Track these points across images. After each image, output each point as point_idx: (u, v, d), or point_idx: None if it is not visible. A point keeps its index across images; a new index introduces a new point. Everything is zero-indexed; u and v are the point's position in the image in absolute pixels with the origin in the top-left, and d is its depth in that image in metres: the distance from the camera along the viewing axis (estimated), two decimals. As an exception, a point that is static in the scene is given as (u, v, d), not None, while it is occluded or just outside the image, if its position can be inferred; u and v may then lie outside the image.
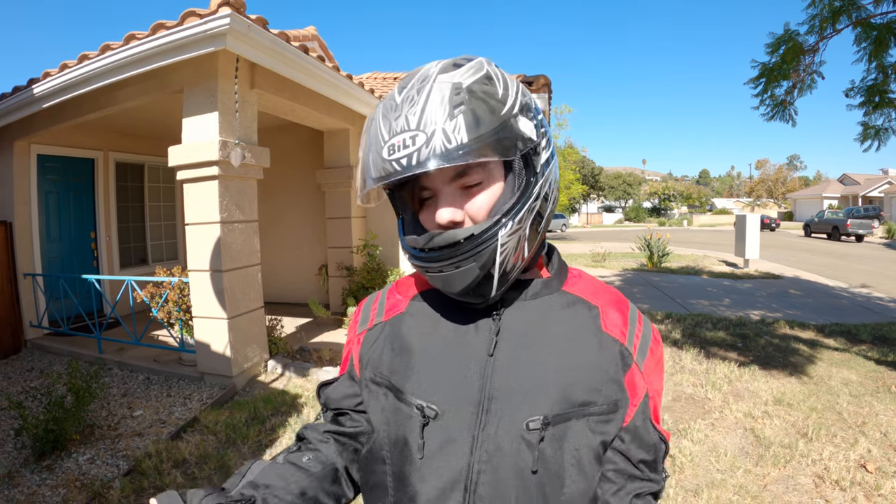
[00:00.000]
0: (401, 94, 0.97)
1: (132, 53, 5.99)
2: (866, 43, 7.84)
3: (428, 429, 1.07)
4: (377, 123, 0.99)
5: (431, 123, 0.91)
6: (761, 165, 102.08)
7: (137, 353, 7.67)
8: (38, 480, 4.50)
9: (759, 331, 9.33)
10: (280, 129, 10.66)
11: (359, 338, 1.28)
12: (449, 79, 0.95)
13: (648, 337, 1.16)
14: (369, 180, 1.00)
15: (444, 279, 1.04)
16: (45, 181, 9.23)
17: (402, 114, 0.94)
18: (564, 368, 1.06)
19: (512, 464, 1.02)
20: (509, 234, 1.00)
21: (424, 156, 0.91)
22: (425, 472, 1.06)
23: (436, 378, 1.10)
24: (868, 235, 35.98)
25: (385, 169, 0.95)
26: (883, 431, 5.32)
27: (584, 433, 1.04)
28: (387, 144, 0.94)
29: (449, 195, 1.02)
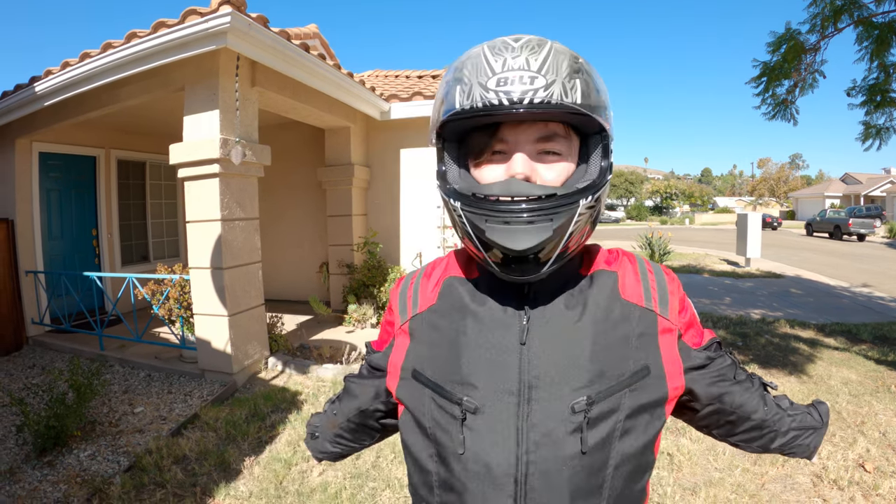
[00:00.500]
0: (517, 42, 0.95)
1: (133, 52, 6.01)
2: (868, 42, 7.82)
3: (468, 423, 1.06)
4: (483, 57, 0.95)
5: (553, 73, 0.91)
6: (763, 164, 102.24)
7: (139, 350, 7.69)
8: (40, 476, 4.51)
9: (759, 330, 9.33)
10: (281, 127, 10.67)
11: (403, 329, 1.26)
12: (567, 49, 0.97)
13: (664, 282, 1.18)
14: (459, 108, 0.95)
15: (509, 233, 0.96)
16: (46, 179, 9.24)
17: (522, 55, 0.92)
18: (597, 346, 1.06)
19: (561, 449, 1.01)
20: (588, 207, 0.99)
21: (539, 98, 0.90)
22: (471, 467, 1.05)
23: (471, 371, 1.08)
24: (870, 235, 35.88)
25: (487, 98, 0.91)
26: (882, 431, 5.32)
27: (627, 402, 1.05)
28: (497, 75, 0.92)
29: (528, 153, 1.00)
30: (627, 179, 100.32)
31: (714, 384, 1.21)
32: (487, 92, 0.91)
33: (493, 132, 1.01)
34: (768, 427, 1.28)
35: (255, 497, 4.26)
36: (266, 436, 5.28)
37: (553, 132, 0.99)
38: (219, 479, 4.48)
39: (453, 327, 1.15)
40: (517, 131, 0.99)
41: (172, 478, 4.44)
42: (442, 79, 1.05)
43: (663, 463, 4.75)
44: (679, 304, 1.17)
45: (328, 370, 6.88)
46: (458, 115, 0.96)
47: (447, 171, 1.10)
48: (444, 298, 1.20)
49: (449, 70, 1.02)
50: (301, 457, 4.86)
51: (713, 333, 1.25)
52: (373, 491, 4.35)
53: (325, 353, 7.54)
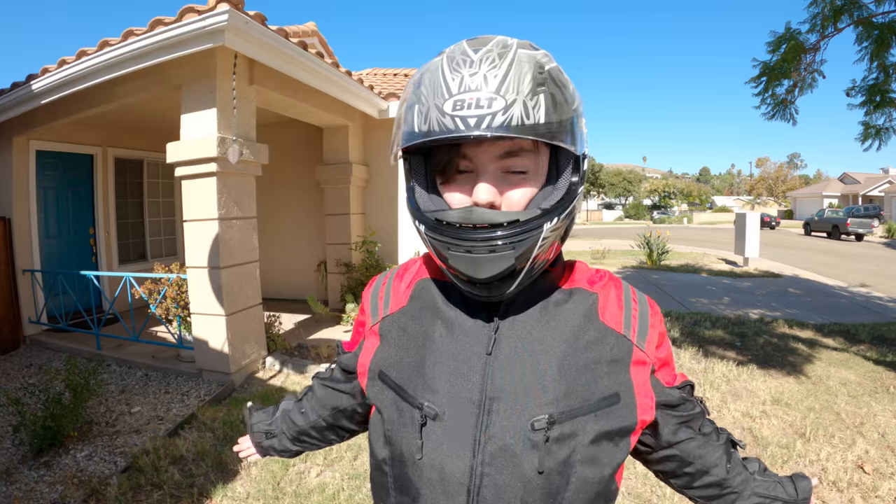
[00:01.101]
0: (476, 52, 0.90)
1: (130, 50, 5.98)
2: (868, 42, 7.82)
3: (427, 429, 1.04)
4: (441, 73, 0.90)
5: (513, 92, 0.86)
6: (762, 164, 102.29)
7: (136, 350, 7.67)
8: (36, 477, 4.50)
9: (757, 330, 9.33)
10: (279, 126, 10.64)
11: (373, 330, 1.24)
12: (532, 55, 0.92)
13: (646, 313, 1.15)
14: (416, 134, 0.91)
15: (470, 262, 0.94)
16: (43, 177, 9.21)
17: (480, 71, 0.87)
18: (565, 365, 1.04)
19: (517, 465, 0.99)
20: (552, 230, 0.96)
21: (498, 122, 0.84)
22: (426, 473, 1.03)
23: (435, 377, 1.06)
24: (868, 234, 36.00)
25: (444, 124, 0.87)
26: (881, 432, 5.31)
27: (591, 427, 1.02)
28: (453, 98, 0.87)
29: (491, 174, 0.96)
30: (626, 178, 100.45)
31: (680, 427, 1.21)
32: (444, 116, 0.87)
33: (458, 148, 0.97)
34: (729, 487, 1.27)
35: (252, 498, 4.24)
36: (263, 436, 5.24)
37: (519, 147, 0.95)
38: (216, 479, 4.47)
39: (422, 331, 1.14)
40: (480, 150, 0.96)
41: (169, 479, 4.42)
42: (404, 91, 1.01)
43: (662, 464, 4.73)
44: (658, 339, 1.15)
45: (326, 370, 6.83)
46: (416, 140, 0.92)
47: (415, 188, 1.07)
48: (415, 301, 1.19)
49: (409, 83, 0.99)
50: (299, 458, 4.83)
51: (686, 377, 1.24)
52: (370, 492, 4.33)
53: (322, 353, 7.53)
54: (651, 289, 14.24)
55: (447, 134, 0.87)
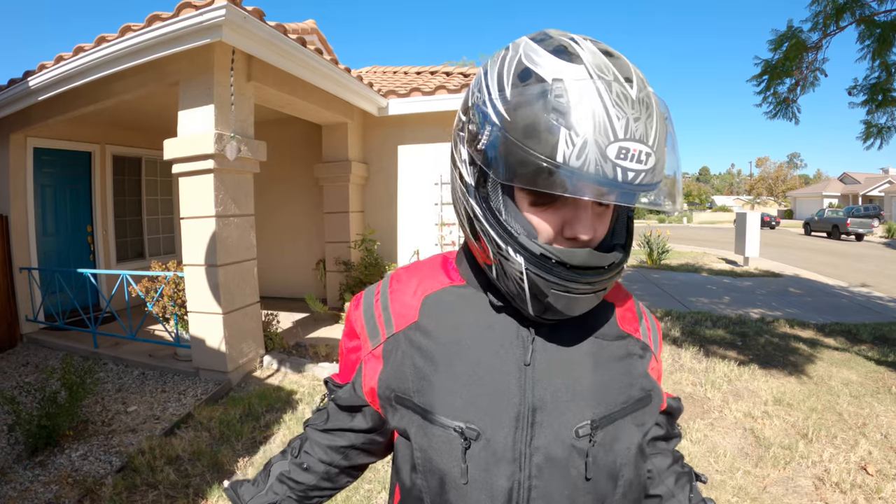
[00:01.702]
0: (632, 86, 0.82)
1: (128, 45, 5.94)
2: (870, 41, 7.81)
3: (470, 451, 0.98)
4: (603, 107, 0.79)
5: (660, 149, 0.82)
6: (762, 163, 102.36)
7: (133, 348, 7.64)
8: (31, 477, 4.48)
9: (758, 329, 9.30)
10: (278, 123, 10.60)
11: (374, 353, 1.13)
12: (658, 98, 0.86)
13: (654, 325, 1.19)
14: (573, 177, 0.79)
15: (569, 301, 0.90)
16: (41, 174, 9.18)
17: (642, 119, 0.80)
18: (600, 370, 1.03)
19: (564, 474, 0.97)
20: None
21: (648, 180, 0.81)
22: (472, 496, 0.98)
23: (470, 395, 1.00)
24: (868, 234, 36.12)
25: (604, 169, 0.78)
26: (883, 433, 5.29)
27: (630, 429, 1.03)
28: (618, 143, 0.78)
29: (591, 213, 0.89)
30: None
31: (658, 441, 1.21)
32: (605, 161, 0.78)
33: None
34: None
35: (248, 499, 4.20)
36: (260, 436, 5.23)
37: None
38: (212, 480, 4.44)
39: (445, 348, 1.05)
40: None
41: (165, 479, 4.39)
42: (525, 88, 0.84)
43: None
44: (659, 350, 1.19)
45: (324, 369, 6.83)
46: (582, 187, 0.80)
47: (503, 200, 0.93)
48: (429, 316, 1.10)
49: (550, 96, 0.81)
50: (295, 457, 4.80)
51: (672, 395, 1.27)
52: (368, 493, 4.30)
53: (321, 352, 7.50)
54: (651, 288, 14.25)
55: (600, 180, 0.79)
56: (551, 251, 0.89)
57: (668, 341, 8.54)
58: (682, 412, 1.26)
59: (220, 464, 4.68)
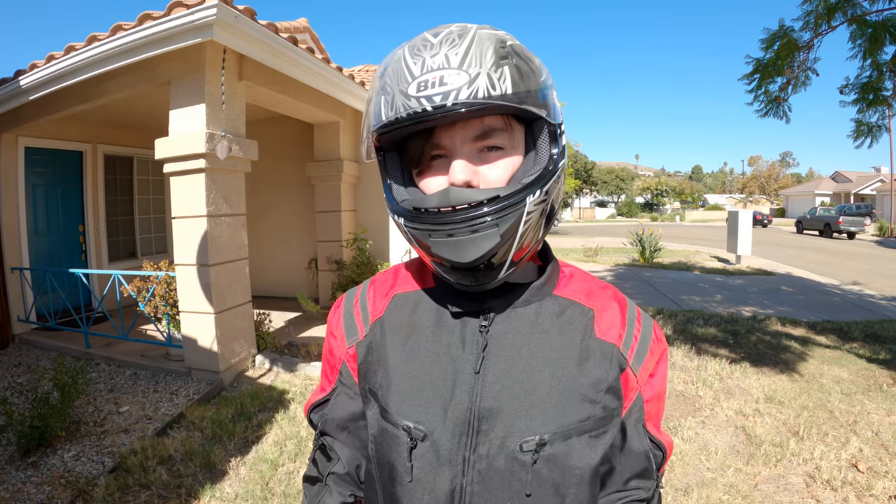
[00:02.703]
0: (436, 36, 0.88)
1: (119, 44, 5.93)
2: (861, 40, 7.83)
3: (416, 451, 0.99)
4: (403, 60, 0.88)
5: (476, 65, 0.83)
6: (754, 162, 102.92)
7: (125, 348, 7.63)
8: (23, 478, 4.46)
9: (750, 327, 9.33)
10: (270, 122, 10.59)
11: (351, 352, 1.16)
12: (492, 33, 0.89)
13: (649, 336, 1.09)
14: (384, 122, 0.88)
15: (454, 245, 0.90)
16: (32, 174, 9.15)
17: (440, 52, 0.85)
18: (558, 384, 0.99)
19: (506, 486, 0.96)
20: (536, 203, 0.91)
21: (464, 95, 0.82)
22: (415, 494, 0.99)
23: (421, 396, 1.02)
24: (860, 233, 36.28)
25: (409, 106, 0.84)
26: (874, 430, 5.31)
27: (584, 450, 0.98)
28: (416, 80, 0.84)
29: (466, 155, 0.92)
30: (618, 176, 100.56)
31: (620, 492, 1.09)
32: (409, 99, 0.84)
33: (429, 136, 0.93)
34: None
35: (240, 499, 4.20)
36: (252, 435, 5.22)
37: (490, 127, 0.91)
38: (204, 480, 4.43)
39: (404, 346, 1.08)
40: (451, 133, 0.91)
41: (157, 479, 4.38)
42: (370, 85, 0.98)
43: (655, 464, 4.71)
44: (654, 367, 1.09)
45: (316, 368, 6.83)
46: (386, 128, 0.90)
47: (392, 185, 1.02)
48: (394, 313, 1.13)
49: (374, 77, 0.95)
50: (287, 457, 4.81)
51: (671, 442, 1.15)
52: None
53: (313, 351, 7.49)
54: (643, 286, 14.26)
55: (415, 118, 0.85)
56: (418, 202, 0.94)
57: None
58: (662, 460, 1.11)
59: (212, 463, 4.67)
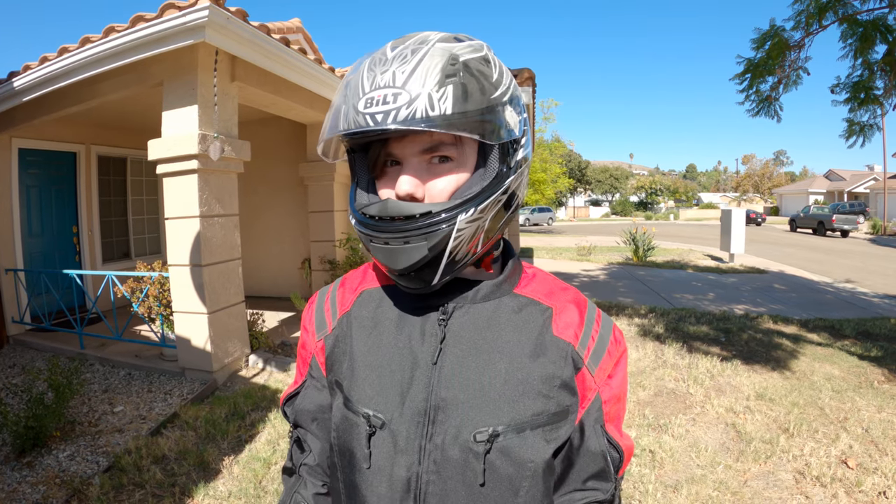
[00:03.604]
0: (393, 50, 0.92)
1: (112, 46, 5.94)
2: (852, 39, 7.88)
3: (374, 438, 1.03)
4: (360, 74, 0.93)
5: (418, 85, 0.87)
6: (748, 160, 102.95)
7: (119, 349, 7.63)
8: (19, 478, 4.47)
9: (742, 325, 9.37)
10: (262, 123, 10.60)
11: (319, 345, 1.21)
12: (447, 48, 0.92)
13: (607, 338, 1.11)
14: (335, 130, 0.94)
15: (388, 253, 0.97)
16: (26, 175, 9.14)
17: (390, 69, 0.89)
18: (513, 377, 1.02)
19: (460, 476, 0.98)
20: (468, 221, 0.95)
21: (402, 116, 0.86)
22: (373, 481, 1.02)
23: (381, 386, 1.05)
24: (853, 231, 36.30)
25: (356, 121, 0.89)
26: (865, 427, 5.34)
27: (538, 444, 1.00)
28: (365, 96, 0.89)
29: (415, 166, 0.97)
30: (612, 175, 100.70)
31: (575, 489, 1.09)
32: (357, 115, 0.89)
33: (385, 144, 0.99)
34: None
35: (234, 497, 4.22)
36: (246, 434, 5.24)
37: (439, 141, 0.95)
38: (198, 478, 4.45)
39: (367, 338, 1.12)
40: (402, 145, 0.97)
41: (151, 478, 4.40)
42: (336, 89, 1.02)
43: (645, 460, 4.75)
44: (612, 368, 1.11)
45: (310, 367, 6.83)
46: (330, 135, 0.97)
47: (357, 184, 1.08)
48: (360, 307, 1.18)
49: (341, 83, 1.00)
50: (280, 456, 4.83)
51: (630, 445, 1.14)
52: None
53: (306, 351, 7.48)
54: (637, 285, 14.31)
55: (360, 131, 0.90)
56: (359, 206, 1.03)
57: (651, 338, 8.59)
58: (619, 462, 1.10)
59: (205, 462, 4.69)
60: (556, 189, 45.40)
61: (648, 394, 6.26)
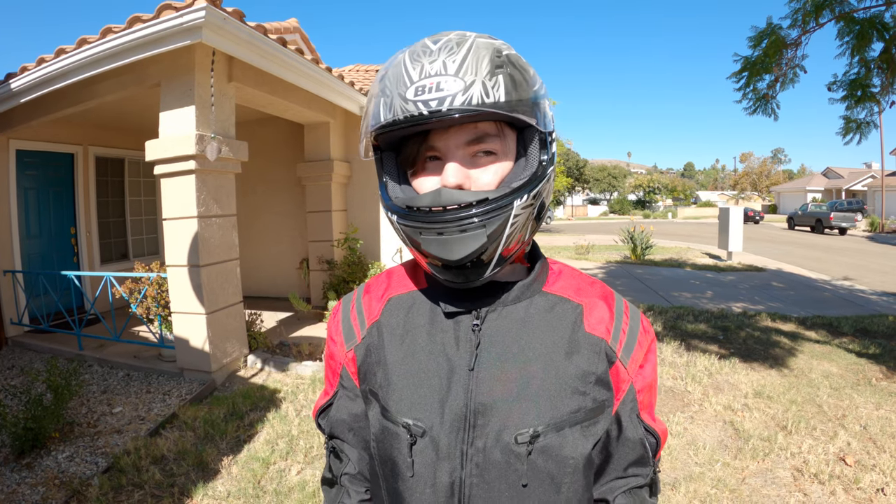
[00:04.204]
0: (436, 43, 0.92)
1: (109, 47, 5.94)
2: (849, 37, 7.89)
3: (416, 447, 1.03)
4: (402, 65, 0.92)
5: (472, 73, 0.87)
6: (746, 159, 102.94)
7: (117, 350, 7.63)
8: (18, 479, 4.47)
9: (740, 323, 9.37)
10: (260, 123, 10.62)
11: (350, 355, 1.20)
12: (490, 42, 0.93)
13: (636, 330, 1.12)
14: (383, 123, 0.92)
15: (442, 244, 0.95)
16: (24, 177, 9.13)
17: (439, 59, 0.89)
18: (550, 377, 1.03)
19: (503, 477, 0.99)
20: (523, 207, 0.96)
21: (458, 102, 0.86)
22: (417, 488, 1.03)
23: (419, 394, 1.06)
24: (851, 228, 36.31)
25: (407, 109, 0.88)
26: (863, 424, 5.35)
27: (577, 440, 1.01)
28: (415, 85, 0.88)
29: (459, 159, 0.96)
30: (611, 174, 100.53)
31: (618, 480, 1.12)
32: (406, 103, 0.88)
33: (425, 139, 0.98)
34: None
35: (233, 497, 4.23)
36: (244, 435, 5.24)
37: (483, 133, 0.95)
38: (197, 479, 4.45)
39: (400, 346, 1.12)
40: (446, 137, 0.96)
41: (150, 478, 4.40)
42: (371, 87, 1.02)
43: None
44: (643, 358, 1.12)
45: (307, 367, 6.85)
46: (384, 129, 0.94)
47: (387, 183, 1.06)
48: (390, 315, 1.17)
49: (375, 79, 1.00)
50: (279, 456, 4.83)
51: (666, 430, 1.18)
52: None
53: (304, 350, 7.49)
54: (635, 283, 14.31)
55: (412, 121, 0.88)
56: (411, 201, 0.99)
57: (650, 336, 8.57)
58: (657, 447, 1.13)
59: (204, 463, 4.69)
60: (555, 188, 45.42)
61: (647, 392, 6.26)
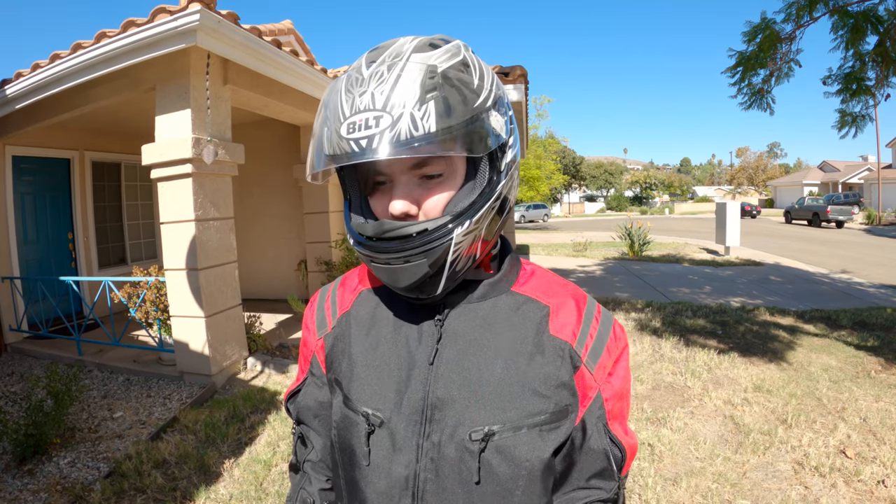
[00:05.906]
0: (369, 67, 0.90)
1: (104, 52, 5.94)
2: (843, 31, 7.90)
3: (373, 436, 1.04)
4: (338, 96, 0.90)
5: (399, 106, 0.84)
6: (742, 153, 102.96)
7: (117, 355, 7.62)
8: (20, 486, 4.46)
9: (739, 318, 9.39)
10: (256, 126, 10.59)
11: (319, 343, 1.23)
12: (424, 60, 0.89)
13: (606, 335, 1.09)
14: (322, 158, 0.92)
15: (389, 272, 0.97)
16: (20, 182, 9.13)
17: (368, 90, 0.87)
18: (510, 377, 1.01)
19: (456, 474, 0.99)
20: (464, 234, 0.94)
21: (386, 140, 0.83)
22: (372, 478, 1.03)
23: (379, 385, 1.06)
24: (848, 221, 36.45)
25: (341, 148, 0.87)
26: (862, 417, 5.36)
27: (534, 443, 0.99)
28: (346, 122, 0.87)
29: (405, 185, 0.96)
30: (607, 170, 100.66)
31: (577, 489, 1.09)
32: (341, 140, 0.87)
33: (373, 164, 0.97)
34: None
35: (235, 500, 4.23)
36: (246, 437, 5.24)
37: (426, 158, 0.93)
38: (199, 482, 4.45)
39: (366, 337, 1.14)
40: (390, 164, 0.95)
41: (152, 483, 4.40)
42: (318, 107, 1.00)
43: (644, 454, 4.76)
44: (612, 365, 1.09)
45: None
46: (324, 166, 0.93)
47: (350, 202, 1.09)
48: (359, 307, 1.20)
49: (321, 101, 0.98)
50: (281, 457, 4.83)
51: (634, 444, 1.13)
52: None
53: (304, 352, 7.48)
54: (633, 279, 14.33)
55: (345, 158, 0.88)
56: (356, 227, 1.03)
57: (648, 332, 8.60)
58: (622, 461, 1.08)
59: (206, 466, 4.69)
60: (551, 185, 45.42)
61: (646, 388, 6.27)
